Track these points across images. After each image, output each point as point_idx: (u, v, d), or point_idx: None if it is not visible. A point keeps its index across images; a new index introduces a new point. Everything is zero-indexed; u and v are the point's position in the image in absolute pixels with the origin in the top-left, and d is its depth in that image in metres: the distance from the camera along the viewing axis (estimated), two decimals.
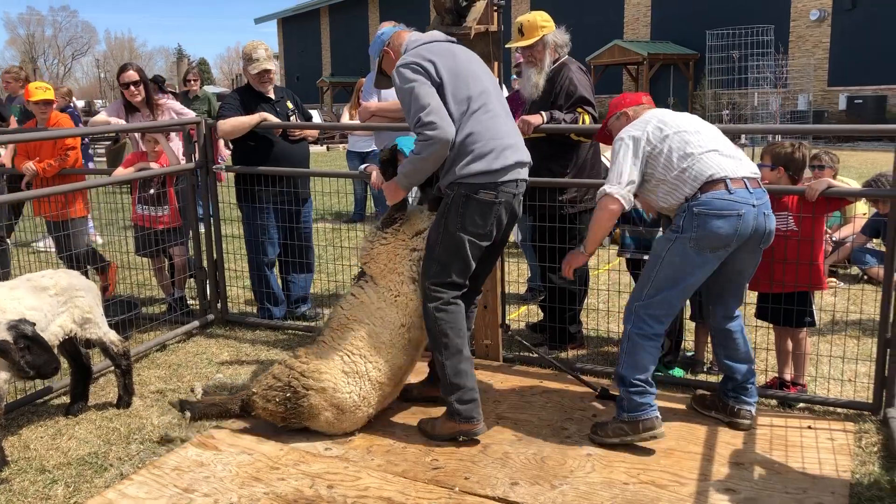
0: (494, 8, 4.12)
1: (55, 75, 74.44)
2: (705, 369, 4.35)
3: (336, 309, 3.70)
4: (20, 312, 3.37)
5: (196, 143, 5.23)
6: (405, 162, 3.46)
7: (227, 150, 6.10)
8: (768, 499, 2.97)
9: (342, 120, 10.09)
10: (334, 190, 10.23)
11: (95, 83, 70.57)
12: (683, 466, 3.24)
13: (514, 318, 5.52)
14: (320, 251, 6.87)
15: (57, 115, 5.85)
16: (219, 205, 5.43)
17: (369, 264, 3.66)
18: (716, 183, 3.21)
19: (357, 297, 3.63)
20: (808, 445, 3.41)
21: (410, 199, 3.79)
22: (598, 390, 3.96)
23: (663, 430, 3.39)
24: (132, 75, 5.64)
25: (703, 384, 4.05)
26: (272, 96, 5.30)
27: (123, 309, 4.98)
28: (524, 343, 4.53)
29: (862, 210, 6.37)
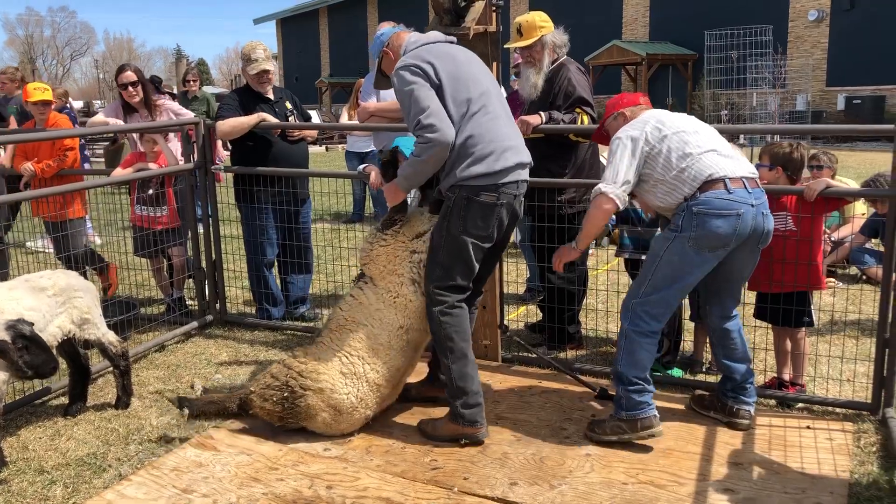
0: (493, 8, 4.12)
1: (54, 76, 74.44)
2: (704, 369, 4.35)
3: (335, 310, 3.70)
4: (18, 313, 3.36)
5: (195, 144, 5.23)
6: (405, 164, 3.45)
7: (226, 151, 6.09)
8: (767, 499, 2.98)
9: (341, 120, 10.10)
10: (333, 190, 10.24)
11: (94, 84, 70.54)
12: (682, 466, 3.24)
13: (513, 318, 5.52)
14: (319, 252, 6.86)
15: (55, 116, 5.84)
16: (217, 205, 5.43)
17: (369, 266, 3.66)
18: (715, 182, 3.22)
19: (356, 298, 3.63)
20: (806, 445, 3.41)
21: (409, 200, 3.79)
22: (596, 390, 3.96)
23: (661, 429, 3.40)
24: (130, 76, 5.63)
25: (702, 384, 4.06)
26: (271, 97, 5.30)
27: (122, 309, 4.97)
28: (523, 344, 4.53)
29: (860, 210, 6.38)
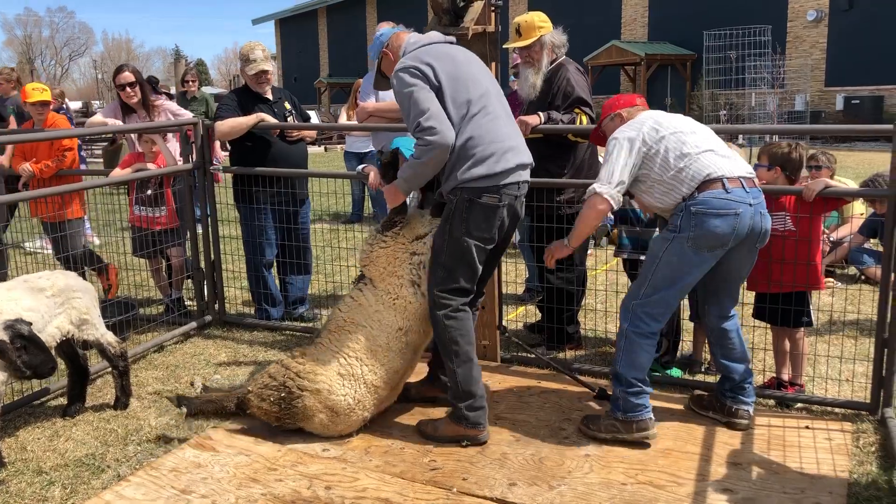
0: (492, 8, 4.12)
1: (52, 76, 74.41)
2: (703, 369, 4.35)
3: (334, 311, 3.70)
4: (17, 313, 3.36)
5: (193, 144, 5.22)
6: (405, 166, 3.45)
7: (224, 151, 6.09)
8: (766, 499, 2.98)
9: (340, 121, 10.09)
10: (332, 191, 10.23)
11: (92, 84, 70.52)
12: (681, 467, 3.24)
13: (512, 318, 5.51)
14: (318, 252, 6.86)
15: (54, 116, 5.83)
16: (216, 205, 5.43)
17: (369, 267, 3.65)
18: (713, 182, 3.22)
19: (355, 299, 3.62)
20: (805, 445, 3.41)
21: (409, 201, 3.78)
22: (595, 391, 3.96)
23: (655, 431, 3.43)
24: (128, 76, 5.62)
25: (701, 384, 4.06)
26: (270, 97, 5.29)
27: (121, 310, 4.97)
28: (521, 344, 4.53)
29: (859, 210, 6.37)
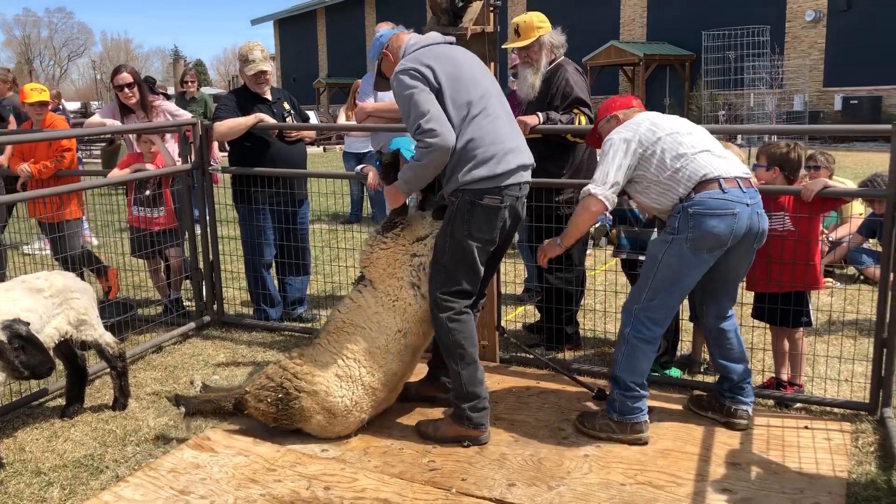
0: (490, 8, 4.12)
1: (51, 77, 74.37)
2: (702, 369, 4.35)
3: (334, 312, 3.69)
4: (15, 313, 3.35)
5: (192, 145, 5.22)
6: (405, 168, 3.45)
7: (222, 152, 6.08)
8: (765, 499, 2.97)
9: (338, 121, 10.08)
10: (331, 191, 10.24)
11: (91, 85, 70.46)
12: (680, 467, 3.24)
13: (511, 318, 5.51)
14: (317, 252, 6.86)
15: (52, 117, 5.83)
16: (215, 206, 5.43)
17: (368, 268, 3.64)
18: (709, 182, 3.22)
19: (355, 300, 3.61)
20: (804, 445, 3.41)
21: (408, 203, 3.78)
22: (594, 391, 3.96)
23: (649, 434, 3.46)
24: (126, 77, 5.62)
25: (700, 384, 4.06)
26: (269, 97, 5.29)
27: (119, 311, 4.97)
28: (520, 345, 4.53)
29: (858, 210, 6.38)
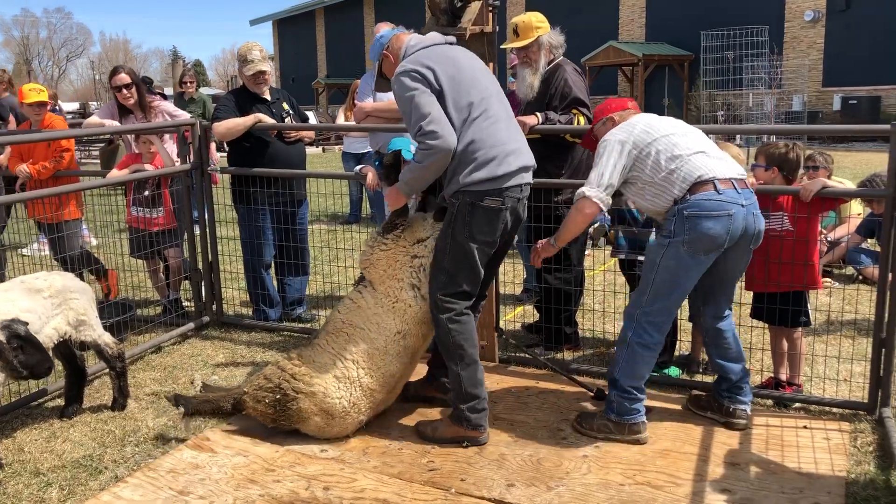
0: (489, 9, 4.12)
1: (50, 77, 74.33)
2: (701, 369, 4.35)
3: (333, 313, 3.69)
4: (14, 314, 3.35)
5: (191, 145, 5.21)
6: (406, 169, 3.45)
7: (220, 153, 6.08)
8: (764, 499, 2.98)
9: (337, 121, 10.08)
10: (330, 191, 10.24)
11: (90, 85, 70.44)
12: (679, 467, 3.24)
13: (510, 318, 5.51)
14: (316, 253, 6.86)
15: (51, 117, 5.82)
16: (214, 206, 5.42)
17: (369, 269, 3.64)
18: (704, 184, 3.22)
19: (355, 301, 3.61)
20: (803, 445, 3.41)
21: (409, 204, 3.78)
22: (593, 391, 3.96)
23: (647, 434, 3.45)
24: (124, 78, 5.61)
25: (699, 384, 4.06)
26: (268, 98, 5.29)
27: (118, 311, 4.97)
28: (519, 346, 4.53)
29: (857, 210, 6.39)
